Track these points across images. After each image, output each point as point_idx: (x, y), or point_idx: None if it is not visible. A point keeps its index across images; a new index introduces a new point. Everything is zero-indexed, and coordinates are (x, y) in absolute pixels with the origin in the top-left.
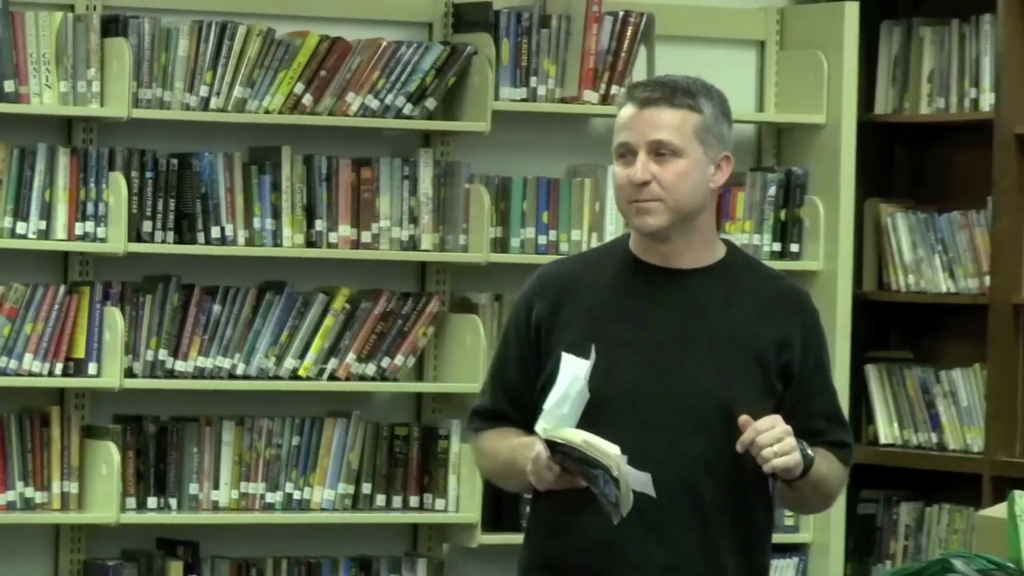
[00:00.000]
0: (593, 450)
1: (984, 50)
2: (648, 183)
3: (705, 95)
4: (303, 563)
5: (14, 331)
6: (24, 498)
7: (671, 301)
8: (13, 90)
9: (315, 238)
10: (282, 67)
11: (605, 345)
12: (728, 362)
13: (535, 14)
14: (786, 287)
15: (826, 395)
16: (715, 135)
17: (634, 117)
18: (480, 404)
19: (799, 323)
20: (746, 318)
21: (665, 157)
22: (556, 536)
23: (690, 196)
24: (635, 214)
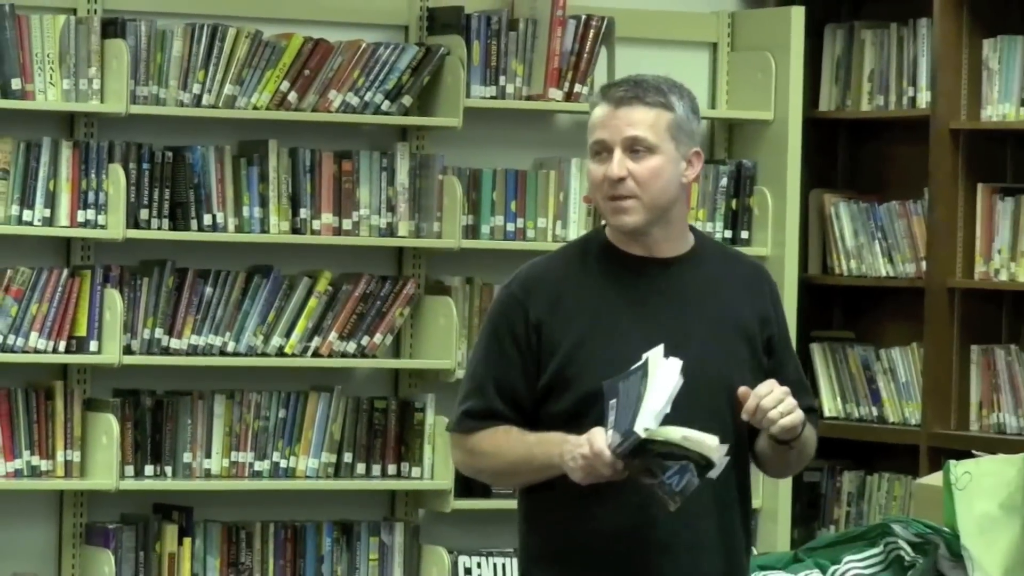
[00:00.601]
0: (693, 444)
1: (921, 51)
2: (624, 179)
3: (676, 93)
4: (289, 526)
5: (20, 311)
6: (30, 466)
7: (663, 289)
8: (19, 88)
9: (299, 225)
10: (269, 66)
11: (610, 335)
12: (723, 343)
13: (503, 18)
14: (753, 265)
15: (793, 362)
16: (686, 132)
17: (609, 115)
18: (471, 406)
19: (770, 299)
20: (729, 299)
21: (640, 154)
22: (572, 524)
23: (663, 191)
24: (612, 213)
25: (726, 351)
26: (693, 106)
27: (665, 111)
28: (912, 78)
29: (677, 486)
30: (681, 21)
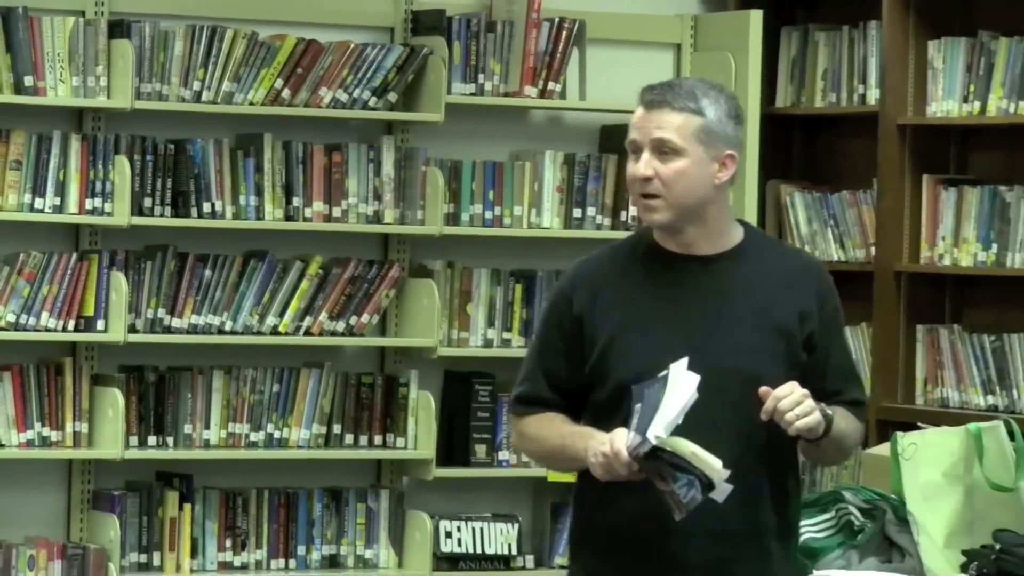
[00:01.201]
0: (699, 461)
1: (871, 52)
2: (650, 179)
3: (710, 98)
4: (282, 493)
5: (32, 292)
6: (41, 436)
7: (697, 285)
8: (31, 84)
9: (292, 213)
10: (264, 65)
11: (643, 329)
12: (754, 338)
13: (482, 20)
14: (802, 261)
15: (842, 357)
16: (718, 135)
17: (641, 117)
18: (522, 391)
19: (815, 293)
20: (767, 295)
21: (667, 155)
22: (606, 509)
23: (689, 192)
24: (642, 210)
25: (758, 346)
26: (730, 110)
27: (694, 116)
28: (862, 77)
29: (684, 498)
30: (647, 24)
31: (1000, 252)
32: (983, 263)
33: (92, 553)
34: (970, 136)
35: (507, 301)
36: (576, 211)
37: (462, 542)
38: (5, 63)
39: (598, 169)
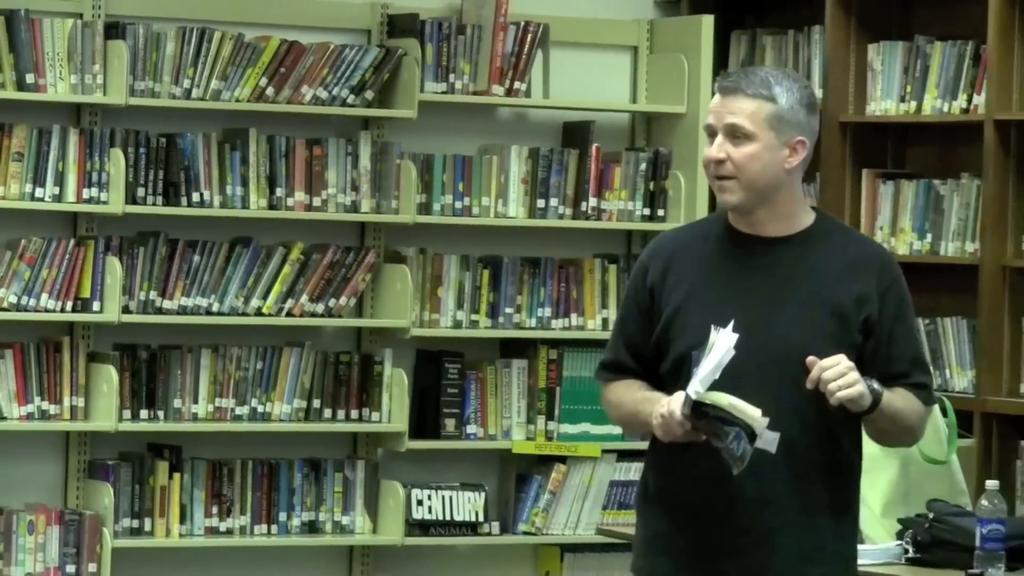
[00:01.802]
0: (739, 411)
1: (814, 54)
2: (723, 162)
3: (783, 87)
4: (265, 463)
5: (33, 275)
6: (40, 410)
7: (762, 265)
8: (33, 81)
9: (276, 202)
10: (249, 65)
11: (705, 303)
12: (812, 318)
13: (453, 23)
14: (867, 249)
15: (906, 342)
16: (789, 122)
17: (717, 103)
18: (606, 358)
19: (877, 279)
20: (828, 278)
21: (739, 140)
22: (667, 473)
23: (760, 175)
24: (717, 191)
25: (813, 326)
26: (803, 98)
27: (767, 102)
28: (806, 77)
29: (738, 451)
30: (606, 28)
31: (934, 241)
32: (918, 251)
33: (88, 519)
34: (907, 133)
35: (475, 285)
36: (540, 202)
37: (432, 509)
38: (8, 61)
39: (560, 163)
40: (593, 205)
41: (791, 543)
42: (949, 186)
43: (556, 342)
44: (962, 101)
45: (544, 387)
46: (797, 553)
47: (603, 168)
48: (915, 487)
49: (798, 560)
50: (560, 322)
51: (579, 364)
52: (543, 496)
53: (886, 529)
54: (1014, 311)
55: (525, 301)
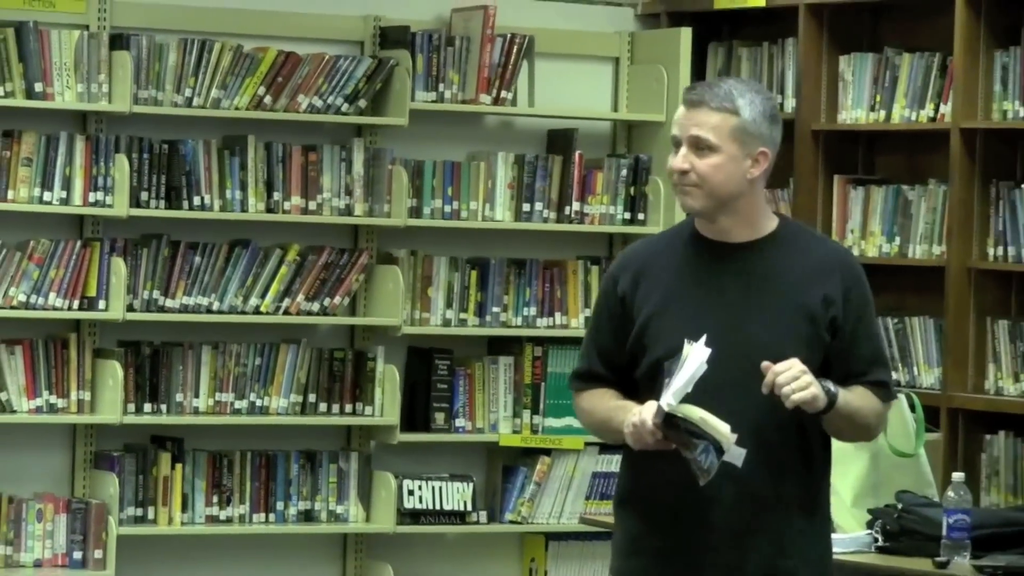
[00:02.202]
0: (709, 426)
1: (788, 66)
2: (687, 172)
3: (746, 99)
4: (262, 455)
5: (41, 275)
6: (48, 403)
7: (731, 270)
8: (41, 90)
9: (273, 206)
10: (248, 74)
11: (678, 309)
12: (781, 320)
13: (443, 35)
14: (830, 251)
15: (868, 342)
16: (752, 134)
17: (682, 114)
18: (579, 367)
19: (841, 281)
20: (795, 281)
21: (703, 151)
22: (642, 475)
23: (723, 185)
24: (679, 196)
25: (784, 327)
26: (766, 110)
27: (731, 115)
28: (780, 87)
29: (705, 463)
30: (589, 39)
31: (902, 244)
32: (887, 254)
33: (94, 507)
34: (876, 141)
35: (464, 285)
36: (525, 206)
37: (423, 499)
38: (18, 71)
39: (545, 168)
40: (576, 209)
41: (765, 539)
42: (917, 191)
43: (541, 340)
44: (929, 110)
45: (530, 383)
46: (771, 549)
47: (586, 174)
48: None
49: (772, 555)
50: (545, 321)
51: (563, 361)
52: (528, 487)
53: (856, 519)
54: (979, 311)
55: (511, 300)
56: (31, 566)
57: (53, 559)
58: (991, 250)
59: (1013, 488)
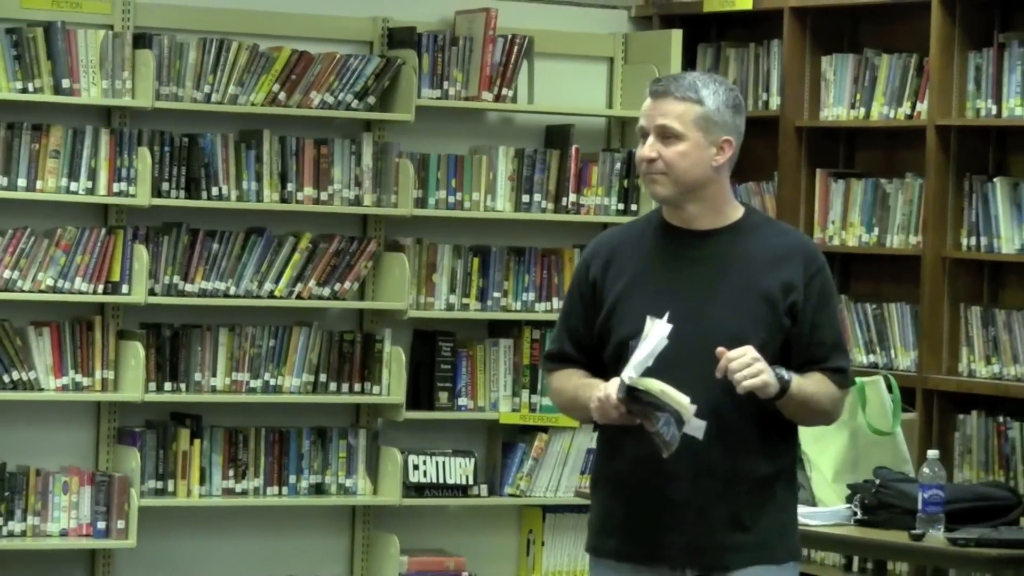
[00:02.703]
0: (668, 398)
1: (773, 65)
2: (654, 160)
3: (709, 89)
4: (276, 431)
5: (68, 261)
6: (74, 382)
7: (695, 257)
8: (68, 86)
9: (287, 196)
10: (263, 72)
11: (643, 293)
12: (741, 304)
13: (447, 36)
14: (793, 240)
15: (827, 328)
16: (716, 123)
17: (648, 106)
18: (550, 348)
19: (803, 268)
20: (758, 267)
21: (669, 140)
22: (612, 456)
23: (689, 171)
24: (647, 184)
25: (744, 311)
26: (730, 100)
27: (695, 105)
28: (766, 86)
29: (667, 436)
30: (585, 40)
31: (880, 234)
32: (866, 243)
33: (117, 480)
34: (856, 137)
35: (466, 272)
36: (524, 197)
37: (427, 473)
38: (47, 68)
39: (543, 162)
40: (572, 200)
41: (727, 513)
42: (894, 184)
43: (539, 323)
44: (906, 108)
45: (528, 364)
46: (732, 523)
47: (582, 167)
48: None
49: (733, 529)
50: (542, 305)
51: None
52: (527, 462)
53: (837, 493)
54: (953, 298)
55: (511, 286)
56: (57, 535)
57: (78, 529)
58: (964, 240)
59: (985, 465)
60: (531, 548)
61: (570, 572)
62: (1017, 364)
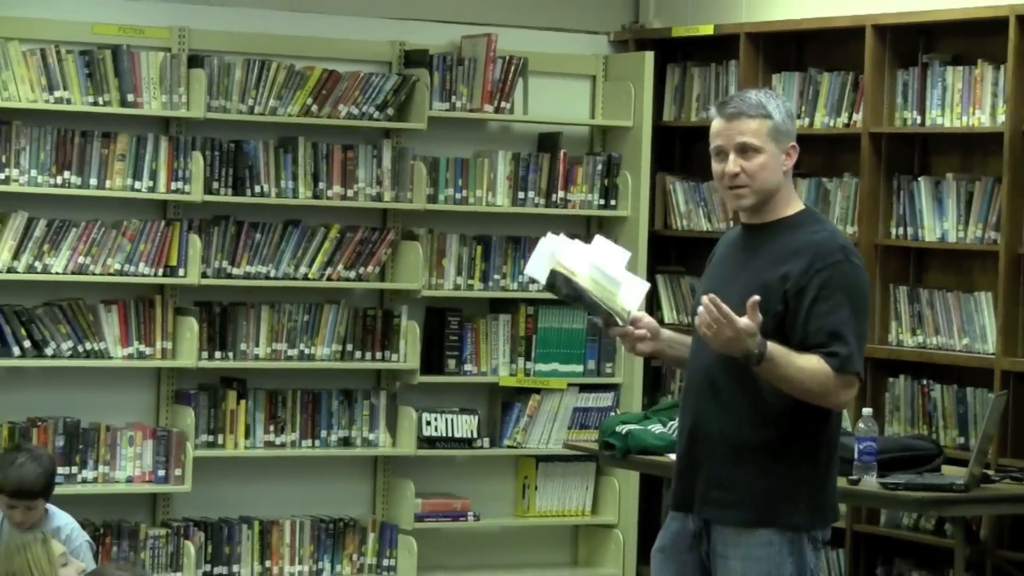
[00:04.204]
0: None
1: (731, 82)
2: (738, 175)
3: (773, 104)
4: (309, 393)
5: (132, 249)
6: (138, 351)
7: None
8: (133, 100)
9: (318, 193)
10: (298, 88)
11: (710, 277)
12: (750, 287)
13: (455, 57)
14: (815, 238)
15: (828, 318)
16: (783, 132)
17: (724, 127)
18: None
19: (807, 262)
20: (771, 260)
21: (748, 154)
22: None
23: (768, 180)
24: (732, 198)
25: (750, 295)
26: (787, 110)
27: (766, 119)
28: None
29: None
30: (571, 60)
31: None
32: None
33: (174, 435)
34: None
35: (471, 257)
36: (520, 194)
37: (438, 428)
38: (114, 85)
39: (536, 164)
40: (561, 196)
41: (707, 472)
42: (834, 183)
43: (533, 301)
44: (844, 118)
45: (523, 335)
46: (710, 481)
47: (569, 168)
48: None
49: (709, 486)
50: (536, 286)
51: (551, 318)
52: (522, 419)
53: None
54: (884, 279)
55: (509, 269)
56: (124, 482)
57: (141, 476)
58: (893, 230)
59: (911, 421)
60: (526, 492)
61: (559, 512)
62: (938, 335)
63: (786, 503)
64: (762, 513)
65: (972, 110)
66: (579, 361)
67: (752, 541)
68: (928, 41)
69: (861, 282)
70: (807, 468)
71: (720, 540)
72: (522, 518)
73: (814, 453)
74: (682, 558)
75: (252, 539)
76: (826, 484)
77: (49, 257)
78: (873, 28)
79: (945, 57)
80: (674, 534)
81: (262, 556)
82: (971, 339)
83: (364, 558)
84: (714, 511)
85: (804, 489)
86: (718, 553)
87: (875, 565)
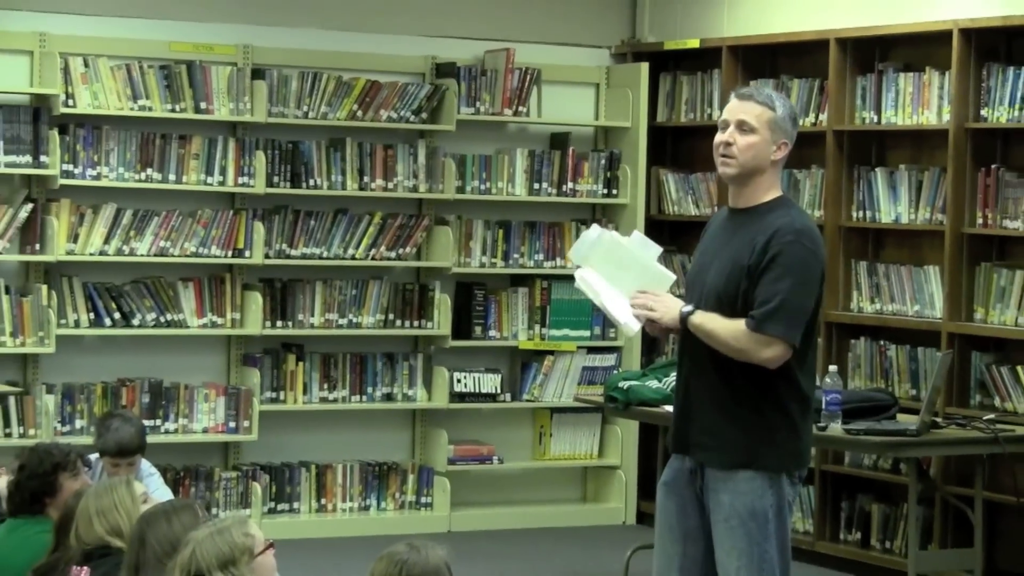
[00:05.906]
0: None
1: (715, 88)
2: (730, 144)
3: (780, 102)
4: (357, 355)
5: (206, 234)
6: (212, 321)
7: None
8: (204, 107)
9: (363, 186)
10: (346, 96)
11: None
12: (723, 266)
13: (479, 68)
14: (777, 222)
15: (768, 287)
16: (780, 127)
17: (733, 104)
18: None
19: (765, 242)
20: (742, 241)
21: (744, 132)
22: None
23: (752, 160)
24: (720, 165)
25: (723, 272)
26: (791, 113)
27: (768, 109)
28: (710, 103)
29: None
30: (578, 71)
31: None
32: None
33: (243, 392)
34: None
35: (494, 239)
36: (536, 185)
37: (467, 385)
38: (188, 94)
39: (549, 159)
40: (570, 187)
41: (697, 420)
42: (803, 174)
43: (547, 276)
44: (812, 118)
45: (539, 306)
46: (697, 427)
47: (577, 163)
48: None
49: (697, 432)
50: (550, 263)
51: (562, 291)
52: (539, 377)
53: None
54: (846, 255)
55: (526, 249)
56: (200, 432)
57: (215, 427)
58: (855, 213)
59: (870, 376)
60: (542, 439)
61: (570, 456)
62: (893, 303)
63: (765, 447)
64: (745, 456)
65: (921, 110)
66: (587, 327)
67: (737, 479)
68: (883, 51)
69: (808, 262)
70: (782, 418)
71: (711, 478)
72: (539, 461)
73: (787, 406)
74: (681, 492)
75: (310, 480)
76: (800, 431)
77: (135, 242)
78: (836, 40)
79: (898, 65)
80: (675, 471)
81: (318, 495)
82: (921, 306)
83: (405, 496)
84: (705, 455)
85: (780, 436)
86: (710, 488)
87: (840, 499)
